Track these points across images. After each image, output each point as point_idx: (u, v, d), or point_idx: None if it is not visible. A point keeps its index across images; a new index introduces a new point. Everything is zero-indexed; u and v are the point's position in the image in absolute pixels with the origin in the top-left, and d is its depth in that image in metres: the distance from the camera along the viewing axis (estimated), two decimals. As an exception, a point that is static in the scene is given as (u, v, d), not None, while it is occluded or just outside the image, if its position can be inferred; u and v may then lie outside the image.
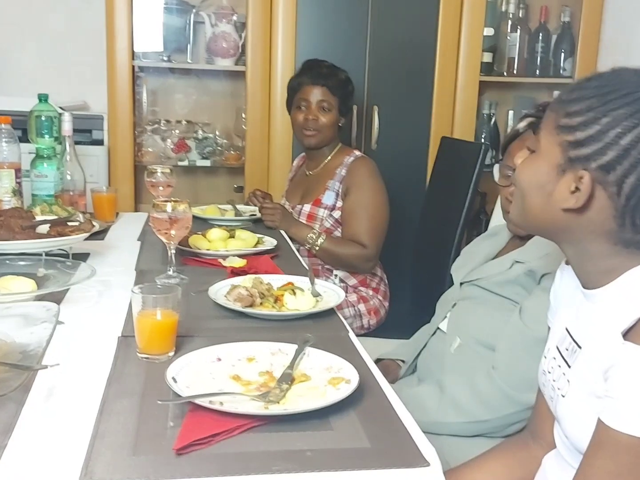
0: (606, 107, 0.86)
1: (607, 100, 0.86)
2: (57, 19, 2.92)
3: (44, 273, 1.38)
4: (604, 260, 0.91)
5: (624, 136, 0.84)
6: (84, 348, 1.13)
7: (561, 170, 0.90)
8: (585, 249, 0.92)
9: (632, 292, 0.87)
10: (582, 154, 0.87)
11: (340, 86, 2.29)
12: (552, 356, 1.02)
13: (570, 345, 0.97)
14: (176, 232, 1.46)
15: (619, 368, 0.82)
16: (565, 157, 0.89)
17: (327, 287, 1.47)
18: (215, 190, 3.10)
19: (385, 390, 1.01)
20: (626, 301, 0.87)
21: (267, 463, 0.79)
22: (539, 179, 0.93)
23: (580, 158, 0.87)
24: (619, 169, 0.84)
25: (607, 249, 0.90)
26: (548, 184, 0.91)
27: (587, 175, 0.86)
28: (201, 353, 1.05)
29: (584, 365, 0.92)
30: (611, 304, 0.90)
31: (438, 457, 0.83)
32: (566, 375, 0.95)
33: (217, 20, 2.84)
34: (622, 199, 0.85)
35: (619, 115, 0.84)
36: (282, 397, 0.94)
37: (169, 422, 0.87)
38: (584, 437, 0.90)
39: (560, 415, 0.98)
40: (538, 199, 0.93)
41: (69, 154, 2.04)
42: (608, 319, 0.88)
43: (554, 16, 3.09)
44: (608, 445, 0.83)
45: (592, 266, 0.93)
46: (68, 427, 0.86)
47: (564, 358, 0.98)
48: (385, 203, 2.28)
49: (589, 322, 0.94)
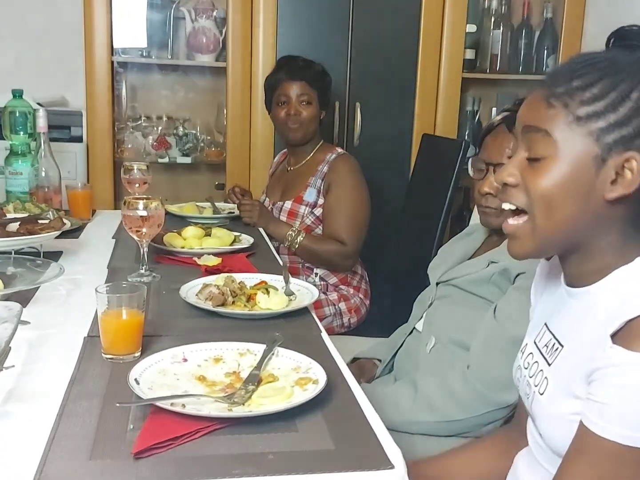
0: (628, 82, 0.81)
1: (622, 75, 0.82)
2: (35, 13, 2.88)
3: (12, 272, 1.36)
4: (602, 256, 0.87)
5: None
6: (48, 349, 1.11)
7: (600, 161, 0.82)
8: (593, 248, 0.88)
9: (620, 292, 0.84)
10: (623, 135, 0.81)
11: (318, 78, 2.28)
12: (529, 352, 1.00)
13: (550, 342, 0.94)
14: (148, 230, 1.43)
15: (606, 372, 0.79)
16: (602, 145, 0.82)
17: (301, 286, 1.45)
18: (196, 187, 3.07)
19: (354, 391, 0.99)
20: (614, 302, 0.84)
21: (227, 467, 0.77)
22: (573, 182, 0.83)
23: (622, 139, 0.81)
24: None
25: (617, 241, 0.86)
26: (586, 184, 0.83)
27: (637, 155, 0.81)
28: (167, 353, 1.03)
29: (565, 364, 0.90)
30: (597, 303, 0.87)
31: (403, 459, 0.81)
32: (544, 372, 0.93)
33: (197, 16, 2.82)
34: None
35: (637, 82, 0.81)
36: (247, 399, 0.92)
37: (129, 425, 0.85)
38: (558, 437, 0.88)
39: (535, 413, 0.96)
40: (574, 206, 0.84)
41: (43, 150, 2.01)
42: (594, 319, 0.86)
43: (536, 12, 3.08)
44: (590, 450, 0.81)
45: (589, 265, 0.89)
46: (25, 431, 0.84)
47: (542, 354, 0.95)
48: (366, 201, 2.27)
49: (573, 319, 0.91)
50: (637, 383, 0.76)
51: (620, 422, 0.78)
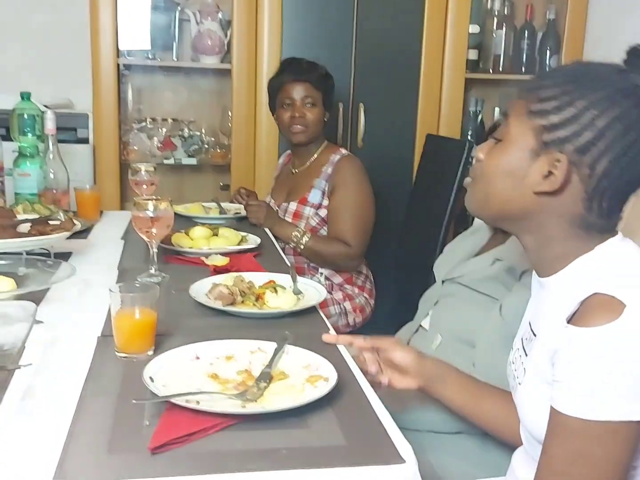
0: (581, 91, 0.87)
1: (581, 85, 0.88)
2: (41, 16, 2.90)
3: (24, 272, 1.38)
4: (561, 244, 0.92)
5: (599, 118, 0.85)
6: (62, 347, 1.12)
7: (535, 154, 0.90)
8: (545, 234, 0.93)
9: (577, 278, 0.89)
10: (558, 137, 0.88)
11: (322, 80, 2.29)
12: (517, 347, 1.03)
13: (528, 335, 0.99)
14: (157, 231, 1.45)
15: (563, 352, 0.83)
16: (539, 141, 0.90)
17: (309, 285, 1.47)
18: (201, 188, 3.09)
19: (363, 388, 1.01)
20: (572, 287, 0.88)
21: (242, 462, 0.79)
22: (509, 165, 0.93)
23: (555, 141, 0.88)
24: (594, 151, 0.86)
25: (567, 232, 0.91)
26: (519, 170, 0.92)
27: (564, 157, 0.87)
28: (180, 351, 1.05)
29: (537, 353, 0.93)
30: (560, 291, 0.92)
31: (414, 454, 0.83)
32: (524, 364, 0.97)
33: (203, 18, 2.83)
34: (593, 181, 0.87)
35: (594, 98, 0.86)
36: (259, 396, 0.94)
37: (145, 421, 0.87)
38: (537, 425, 0.91)
39: (517, 403, 0.99)
40: (506, 185, 0.93)
41: (52, 152, 2.03)
42: (556, 306, 0.90)
43: (539, 13, 3.10)
44: (561, 430, 0.83)
45: (549, 252, 0.94)
46: (44, 427, 0.86)
47: (524, 348, 0.99)
48: (370, 202, 2.28)
49: (543, 309, 0.96)
50: (591, 357, 0.79)
51: (580, 396, 0.80)
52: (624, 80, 0.87)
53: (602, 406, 0.79)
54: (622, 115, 0.85)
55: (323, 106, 2.30)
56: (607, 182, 0.87)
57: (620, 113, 0.85)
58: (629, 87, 0.87)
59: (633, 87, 0.86)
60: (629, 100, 0.86)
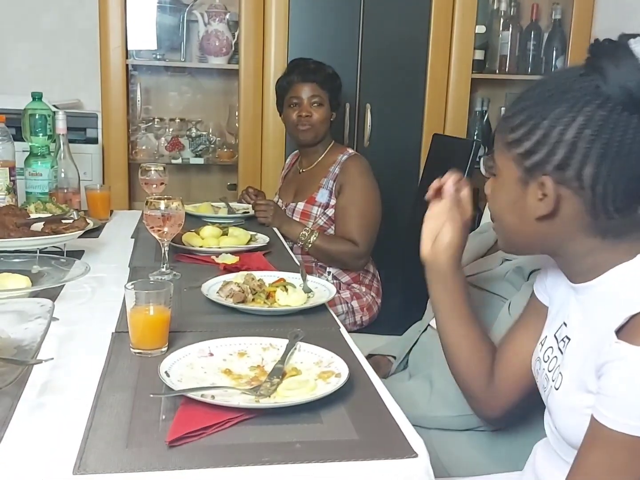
0: (544, 110, 0.89)
1: (545, 104, 0.89)
2: (50, 17, 2.93)
3: (38, 270, 1.40)
4: (590, 257, 0.92)
5: (566, 132, 0.87)
6: (78, 344, 1.14)
7: (524, 183, 0.92)
8: (569, 253, 0.94)
9: (623, 288, 0.89)
10: (535, 161, 0.90)
11: (328, 80, 2.31)
12: (549, 345, 1.03)
13: (563, 336, 0.99)
14: (169, 229, 1.47)
15: (612, 367, 0.83)
16: (522, 169, 0.92)
17: (318, 284, 1.49)
18: (209, 187, 3.12)
19: (375, 384, 1.03)
20: (617, 298, 0.88)
21: (257, 454, 0.80)
22: (508, 199, 0.96)
23: (535, 165, 0.90)
24: (573, 164, 0.87)
25: (589, 245, 0.92)
26: (518, 201, 0.94)
27: (548, 179, 0.89)
28: (193, 348, 1.07)
29: (575, 358, 0.94)
30: (601, 299, 0.91)
31: (426, 449, 0.84)
32: (560, 367, 0.97)
33: (210, 19, 2.86)
34: (587, 192, 0.88)
35: (557, 114, 0.87)
36: (273, 391, 0.96)
37: (161, 415, 0.89)
38: (572, 430, 0.91)
39: (551, 407, 0.99)
40: (514, 219, 0.96)
41: (62, 152, 2.05)
42: (596, 314, 0.90)
43: (545, 14, 3.11)
44: (602, 442, 0.84)
45: (579, 266, 0.94)
46: (62, 421, 0.88)
47: (559, 348, 0.99)
48: (377, 201, 2.30)
49: (579, 313, 0.96)
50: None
51: (629, 413, 0.81)
52: (584, 84, 0.87)
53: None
54: (588, 121, 0.85)
55: (329, 106, 2.32)
56: (601, 186, 0.86)
57: (585, 120, 0.85)
58: (590, 91, 0.86)
59: (594, 88, 0.86)
60: (591, 104, 0.85)
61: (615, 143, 0.84)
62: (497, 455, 1.29)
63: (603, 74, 0.85)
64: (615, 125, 0.84)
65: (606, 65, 0.85)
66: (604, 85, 0.85)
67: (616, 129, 0.84)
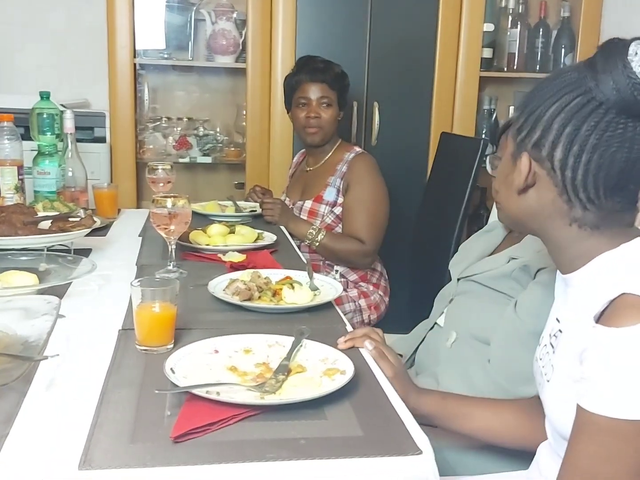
0: (538, 92, 0.93)
1: (540, 87, 0.93)
2: (58, 17, 2.94)
3: (45, 268, 1.40)
4: (574, 246, 0.94)
5: (547, 112, 0.90)
6: (84, 340, 1.15)
7: (514, 157, 0.96)
8: (552, 237, 0.96)
9: (603, 275, 0.90)
10: (522, 137, 0.94)
11: (337, 80, 2.31)
12: (544, 343, 1.04)
13: (555, 331, 0.99)
14: (175, 227, 1.47)
15: (591, 351, 0.84)
16: (514, 145, 0.96)
17: (325, 282, 1.49)
18: (216, 186, 3.12)
19: (380, 381, 1.03)
20: (598, 285, 0.89)
21: (261, 451, 0.81)
22: (503, 172, 1.01)
23: (521, 141, 0.94)
24: (547, 144, 0.90)
25: (568, 233, 0.93)
26: (509, 174, 0.98)
27: (526, 154, 0.93)
28: (199, 345, 1.07)
29: (563, 350, 0.95)
30: (584, 288, 0.92)
31: (431, 446, 0.84)
32: (551, 360, 0.98)
33: (217, 18, 2.86)
34: (558, 174, 0.90)
35: (544, 94, 0.91)
36: (278, 388, 0.96)
37: (166, 411, 0.89)
38: (564, 422, 0.91)
39: (544, 400, 1.00)
40: (504, 191, 1.00)
41: (70, 151, 2.06)
42: (581, 303, 0.91)
43: (553, 11, 3.09)
44: (589, 429, 0.84)
45: (564, 254, 0.96)
46: (68, 416, 0.88)
47: (552, 344, 1.00)
48: (385, 199, 2.29)
49: (568, 305, 0.97)
50: (620, 357, 0.80)
51: (609, 396, 0.80)
52: (574, 74, 0.90)
53: (632, 405, 0.79)
54: (565, 105, 0.88)
55: (338, 106, 2.31)
56: (570, 172, 0.89)
57: (563, 104, 0.88)
58: (576, 80, 0.89)
59: (581, 79, 0.88)
60: (573, 92, 0.88)
61: (585, 133, 0.87)
62: (503, 453, 1.28)
63: (593, 70, 0.88)
64: (587, 117, 0.87)
65: (599, 63, 0.88)
66: (590, 81, 0.87)
67: (588, 120, 0.87)
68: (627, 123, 0.85)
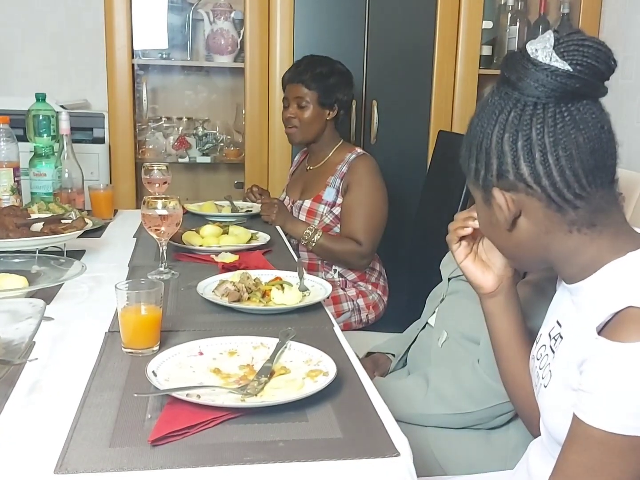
0: (472, 131, 0.93)
1: (472, 126, 0.94)
2: (56, 18, 2.95)
3: (36, 270, 1.41)
4: (575, 257, 0.91)
5: (491, 140, 0.89)
6: (71, 343, 1.15)
7: (486, 201, 0.94)
8: (556, 253, 0.93)
9: (609, 286, 0.88)
10: (482, 178, 0.92)
11: (316, 79, 2.27)
12: (543, 343, 1.03)
13: (555, 334, 0.98)
14: (166, 229, 1.48)
15: (592, 363, 0.83)
16: (480, 191, 0.94)
17: (315, 282, 1.48)
18: (216, 186, 3.12)
19: (363, 383, 1.02)
20: (602, 296, 0.87)
21: (240, 454, 0.81)
22: (485, 222, 0.99)
23: (484, 182, 0.92)
24: (509, 168, 0.88)
25: (570, 242, 0.91)
26: (490, 220, 0.96)
27: (496, 190, 0.90)
28: (184, 347, 1.07)
29: (563, 357, 0.93)
30: (590, 298, 0.91)
31: (410, 448, 0.84)
32: (550, 365, 0.97)
33: (216, 18, 2.86)
34: (537, 189, 0.88)
35: (480, 129, 0.91)
36: (260, 390, 0.96)
37: (147, 414, 0.89)
38: (560, 429, 0.91)
39: (540, 404, 0.99)
40: (496, 238, 0.99)
41: (66, 152, 2.07)
42: (586, 313, 0.89)
43: (553, 8, 3.07)
44: (581, 439, 0.83)
45: (570, 267, 0.93)
46: (49, 420, 0.89)
47: (551, 347, 0.99)
48: (384, 202, 2.29)
49: (570, 313, 0.96)
50: (621, 372, 0.79)
51: (607, 410, 0.80)
52: (496, 97, 0.90)
53: (629, 421, 0.78)
54: (504, 124, 0.87)
55: (320, 105, 2.29)
56: (547, 179, 0.87)
57: (502, 124, 0.87)
58: (500, 100, 0.89)
59: (504, 96, 0.88)
60: (505, 110, 0.87)
61: (537, 137, 0.86)
62: (493, 453, 1.28)
63: (509, 85, 0.88)
64: (531, 121, 0.86)
65: (510, 76, 0.88)
66: (512, 92, 0.87)
67: (533, 124, 0.86)
68: (570, 107, 0.85)
